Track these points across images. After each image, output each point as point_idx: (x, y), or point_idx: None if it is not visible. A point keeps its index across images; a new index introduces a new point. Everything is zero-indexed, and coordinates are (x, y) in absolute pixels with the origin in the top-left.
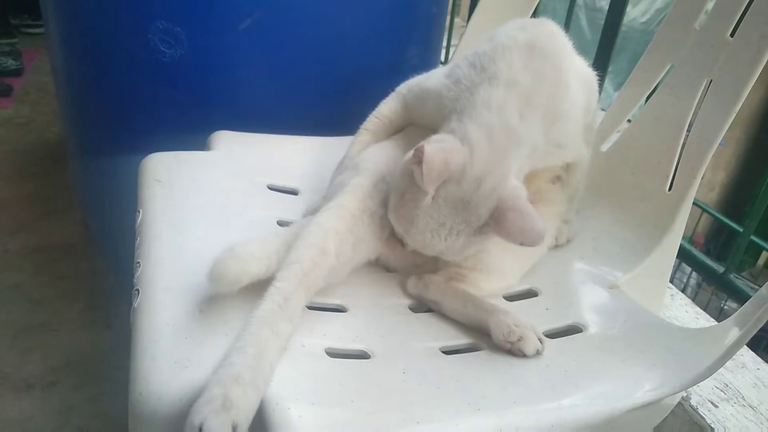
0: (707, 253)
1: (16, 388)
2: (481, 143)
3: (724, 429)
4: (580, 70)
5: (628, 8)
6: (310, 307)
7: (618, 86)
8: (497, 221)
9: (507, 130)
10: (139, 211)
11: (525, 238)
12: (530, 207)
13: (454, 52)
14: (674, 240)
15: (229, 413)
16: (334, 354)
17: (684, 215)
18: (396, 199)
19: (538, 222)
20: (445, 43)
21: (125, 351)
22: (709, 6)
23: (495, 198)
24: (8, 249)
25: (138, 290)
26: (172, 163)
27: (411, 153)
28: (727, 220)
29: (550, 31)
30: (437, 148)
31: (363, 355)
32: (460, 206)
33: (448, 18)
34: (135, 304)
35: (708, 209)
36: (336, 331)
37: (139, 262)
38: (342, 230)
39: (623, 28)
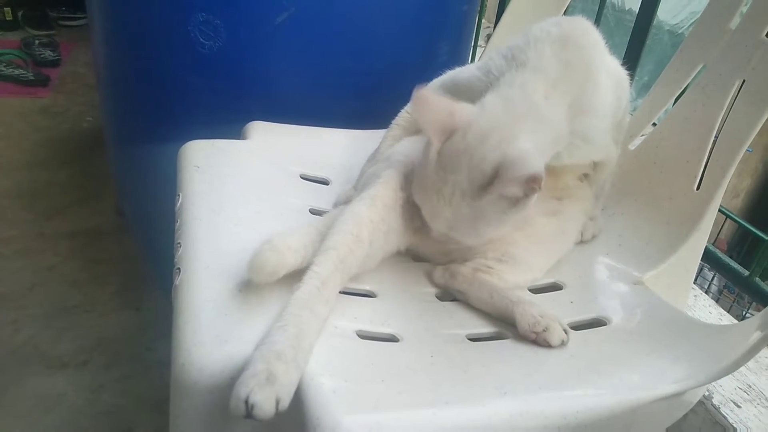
0: None
1: (51, 365)
2: (494, 105)
3: (747, 429)
4: (611, 68)
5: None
6: (342, 292)
7: (642, 88)
8: (500, 176)
9: (526, 103)
10: (178, 195)
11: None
12: (536, 161)
13: (481, 53)
14: (700, 239)
15: (273, 388)
16: (364, 336)
17: (711, 215)
18: (417, 172)
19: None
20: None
21: (154, 333)
22: (745, 6)
23: (499, 154)
24: (44, 233)
25: (179, 269)
26: (210, 151)
27: None
28: (751, 228)
29: (584, 27)
30: (437, 95)
31: (392, 339)
32: (463, 160)
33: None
34: (176, 282)
35: (732, 216)
36: (366, 315)
37: (180, 243)
38: (376, 219)
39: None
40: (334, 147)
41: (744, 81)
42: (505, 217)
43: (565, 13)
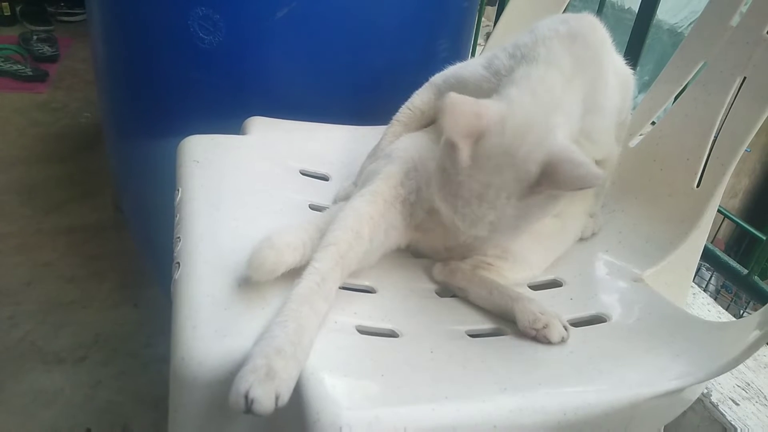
0: None
1: (48, 361)
2: (522, 98)
3: (746, 427)
4: (618, 67)
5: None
6: (342, 288)
7: (642, 87)
8: (550, 175)
9: (551, 96)
10: (178, 190)
11: (584, 183)
12: (582, 155)
13: (481, 52)
14: (700, 237)
15: (273, 383)
16: (364, 331)
17: (711, 212)
18: (438, 177)
19: (594, 167)
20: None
21: (152, 329)
22: (745, 6)
23: (544, 151)
24: (41, 228)
25: (179, 263)
26: (210, 145)
27: None
28: (749, 227)
29: (592, 24)
30: (465, 98)
31: (392, 334)
32: (505, 161)
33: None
34: (176, 276)
35: (730, 215)
36: (366, 311)
37: (179, 237)
38: (376, 216)
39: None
40: (334, 143)
41: (745, 78)
42: (547, 210)
43: (564, 12)
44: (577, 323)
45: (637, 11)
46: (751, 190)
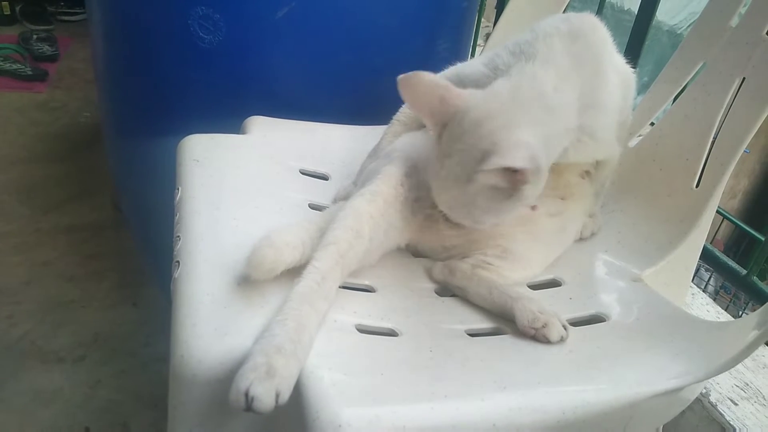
0: None
1: (47, 360)
2: (501, 90)
3: (744, 427)
4: (619, 65)
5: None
6: (342, 287)
7: (642, 88)
8: (482, 162)
9: (536, 92)
10: (178, 189)
11: (513, 175)
12: (531, 155)
13: (481, 52)
14: (699, 237)
15: (273, 381)
16: (363, 330)
17: (710, 212)
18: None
19: (529, 167)
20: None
21: (151, 328)
22: (743, 7)
23: (490, 142)
24: (41, 228)
25: (178, 262)
26: (209, 145)
27: None
28: (748, 228)
29: (593, 23)
30: (435, 80)
31: (391, 333)
32: (457, 144)
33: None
34: (176, 275)
35: (729, 216)
36: (365, 310)
37: (179, 236)
38: (376, 215)
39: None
40: (334, 142)
41: (744, 79)
42: (500, 206)
43: (564, 12)
44: (576, 323)
45: (636, 12)
46: (750, 191)
